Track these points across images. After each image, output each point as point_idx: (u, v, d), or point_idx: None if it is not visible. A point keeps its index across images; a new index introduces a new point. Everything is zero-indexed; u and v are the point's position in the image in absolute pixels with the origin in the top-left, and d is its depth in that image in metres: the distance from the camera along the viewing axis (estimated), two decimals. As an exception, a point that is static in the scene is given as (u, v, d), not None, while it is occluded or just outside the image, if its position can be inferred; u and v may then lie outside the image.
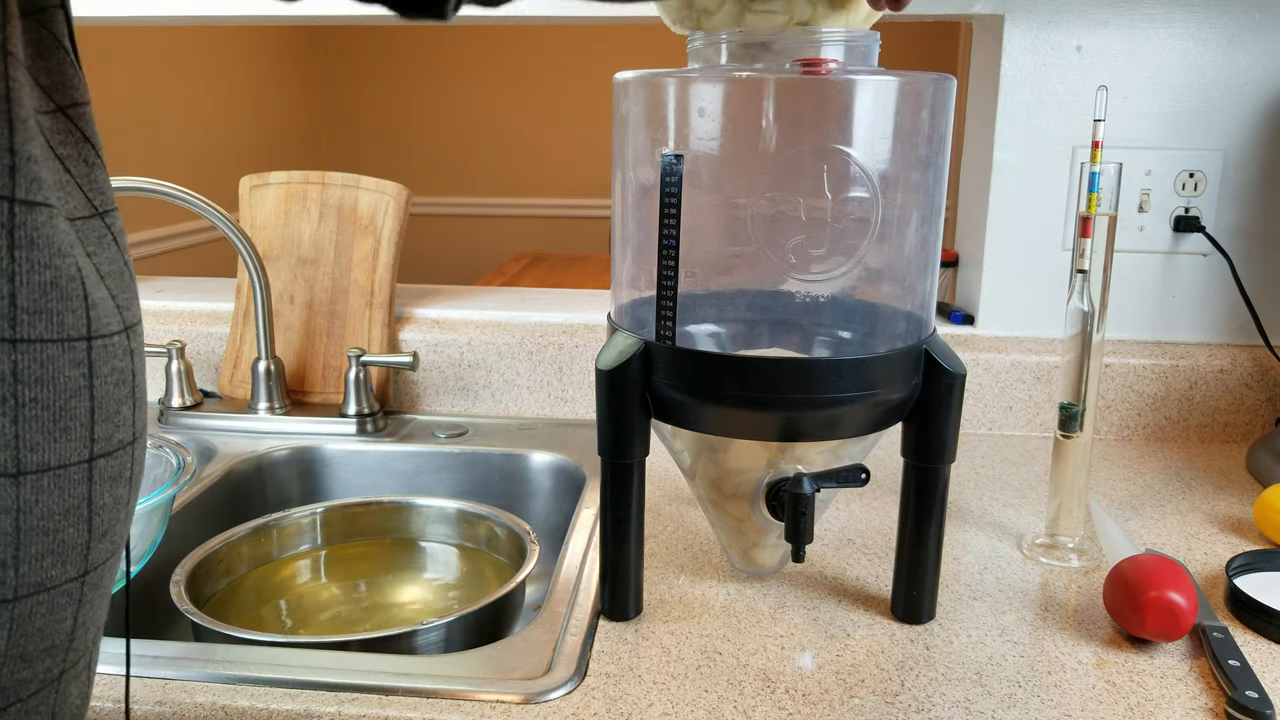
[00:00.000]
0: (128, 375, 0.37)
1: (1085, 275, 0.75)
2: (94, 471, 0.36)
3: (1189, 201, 1.05)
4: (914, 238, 0.65)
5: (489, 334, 1.14)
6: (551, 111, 3.62)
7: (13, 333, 0.33)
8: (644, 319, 0.67)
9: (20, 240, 0.33)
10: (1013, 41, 1.03)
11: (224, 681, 0.63)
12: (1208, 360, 1.06)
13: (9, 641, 0.34)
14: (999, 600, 0.73)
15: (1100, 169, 0.73)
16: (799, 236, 0.63)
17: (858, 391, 0.62)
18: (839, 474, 0.66)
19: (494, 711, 0.60)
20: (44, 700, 0.36)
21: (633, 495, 0.67)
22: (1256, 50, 1.01)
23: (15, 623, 0.34)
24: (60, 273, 0.34)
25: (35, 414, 0.33)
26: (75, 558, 0.36)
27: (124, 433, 0.37)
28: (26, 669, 0.35)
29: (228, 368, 1.17)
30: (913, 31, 3.35)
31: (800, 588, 0.75)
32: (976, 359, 1.08)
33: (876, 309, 0.68)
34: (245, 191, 1.18)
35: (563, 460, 1.03)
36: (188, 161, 2.72)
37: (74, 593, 0.36)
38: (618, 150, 0.68)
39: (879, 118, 0.61)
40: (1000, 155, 1.06)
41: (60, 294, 0.34)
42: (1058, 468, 0.79)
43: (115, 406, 0.37)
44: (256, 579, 0.89)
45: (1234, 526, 0.86)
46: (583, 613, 0.71)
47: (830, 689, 0.62)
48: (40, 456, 0.34)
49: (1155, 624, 0.64)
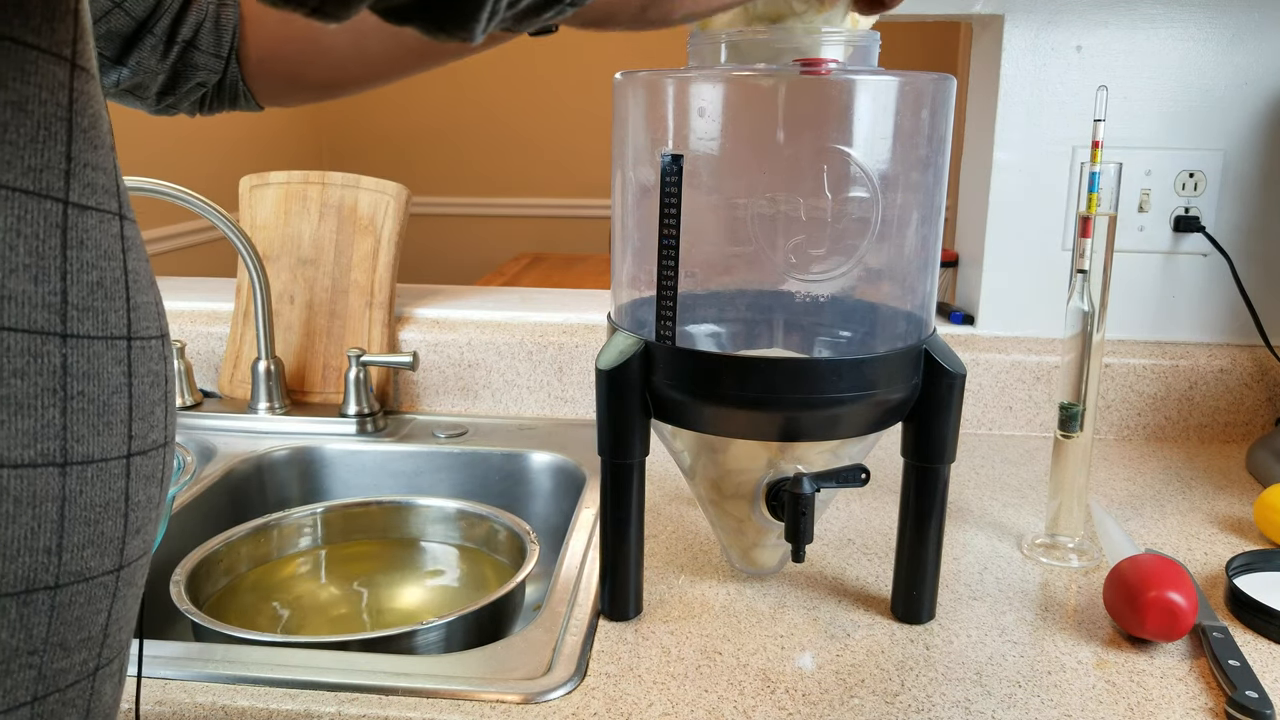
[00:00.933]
0: (161, 379, 0.39)
1: (1085, 275, 0.75)
2: (131, 468, 0.37)
3: (1189, 201, 1.05)
4: (914, 238, 0.65)
5: (489, 334, 1.14)
6: (551, 111, 3.62)
7: (64, 328, 0.34)
8: (644, 319, 0.67)
9: (72, 240, 0.35)
10: (1013, 41, 1.03)
11: (224, 681, 0.63)
12: (1208, 360, 1.06)
13: (49, 628, 0.35)
14: (999, 600, 0.73)
15: (1100, 169, 0.73)
16: (799, 236, 0.63)
17: (857, 391, 0.62)
18: (839, 474, 0.66)
19: (494, 711, 0.60)
20: (80, 694, 0.37)
21: (633, 495, 0.67)
22: (1256, 50, 1.01)
23: (56, 610, 0.35)
24: (106, 274, 0.36)
25: (82, 407, 0.35)
26: (112, 551, 0.37)
27: (157, 434, 0.39)
28: (65, 658, 0.36)
29: (228, 368, 1.17)
30: (912, 31, 3.35)
31: (800, 588, 0.75)
32: (976, 359, 1.08)
33: (877, 309, 0.68)
34: (245, 191, 1.18)
35: (563, 460, 1.03)
36: (188, 161, 2.72)
37: (109, 585, 0.37)
38: (617, 150, 0.68)
39: (879, 118, 0.61)
40: (1000, 155, 1.06)
41: (105, 294, 0.36)
42: (1058, 468, 0.79)
43: (150, 408, 0.38)
44: (256, 579, 0.89)
45: (1234, 526, 0.86)
46: (583, 613, 0.71)
47: (830, 689, 0.62)
48: (85, 448, 0.35)
49: (1155, 624, 0.64)
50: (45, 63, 0.34)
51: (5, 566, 0.33)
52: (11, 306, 0.33)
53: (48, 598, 0.35)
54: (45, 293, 0.34)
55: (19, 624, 0.34)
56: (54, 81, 0.34)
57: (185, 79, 0.64)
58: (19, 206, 0.33)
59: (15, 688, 0.34)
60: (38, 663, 0.35)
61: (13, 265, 0.33)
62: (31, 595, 0.34)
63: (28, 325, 0.33)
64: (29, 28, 0.33)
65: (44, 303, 0.34)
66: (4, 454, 0.33)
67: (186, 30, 0.63)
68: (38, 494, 0.34)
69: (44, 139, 0.34)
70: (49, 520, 0.34)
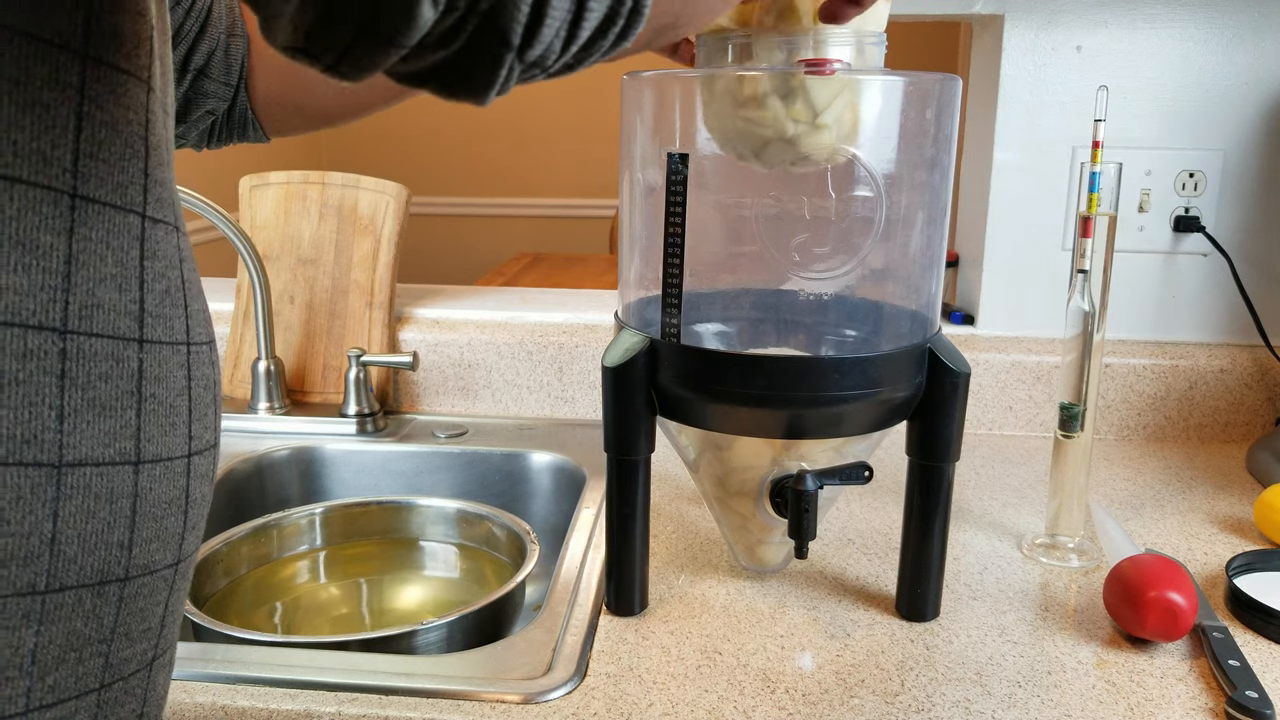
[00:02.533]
0: (212, 383, 0.41)
1: (1086, 275, 0.75)
2: (191, 467, 0.40)
3: (1189, 201, 1.05)
4: (919, 237, 0.65)
5: (489, 334, 1.14)
6: (551, 111, 3.61)
7: (140, 334, 0.37)
8: (650, 318, 0.67)
9: (149, 251, 0.37)
10: (1013, 41, 1.03)
11: (224, 681, 0.62)
12: (1208, 360, 1.06)
13: (117, 619, 0.37)
14: (999, 600, 0.73)
15: (1100, 169, 0.73)
16: (803, 235, 0.63)
17: (862, 390, 0.62)
18: (842, 471, 0.66)
19: (494, 711, 0.60)
20: (139, 682, 0.39)
21: (638, 492, 0.67)
22: (1256, 50, 1.01)
23: (124, 601, 0.37)
24: (171, 283, 0.39)
25: (153, 408, 0.37)
26: (173, 546, 0.39)
27: (210, 435, 0.41)
28: (129, 647, 0.38)
29: (228, 368, 1.16)
30: (912, 31, 3.35)
31: (800, 587, 0.75)
32: (976, 359, 1.08)
33: (881, 308, 0.68)
34: (245, 191, 1.18)
35: (563, 460, 1.03)
36: (188, 162, 2.72)
37: (169, 579, 0.39)
38: (625, 150, 0.68)
39: (884, 118, 0.61)
40: (1000, 155, 1.06)
41: (171, 301, 0.38)
42: (1058, 468, 0.79)
43: (204, 410, 0.41)
44: (256, 579, 0.89)
45: (1234, 526, 0.86)
46: (583, 612, 0.71)
47: (830, 689, 0.62)
48: (155, 448, 0.37)
49: (1155, 624, 0.64)
50: (132, 86, 0.36)
51: (84, 559, 0.35)
52: (100, 314, 0.35)
53: (118, 589, 0.37)
54: (127, 301, 0.36)
55: (92, 614, 0.36)
56: (136, 103, 0.37)
57: (196, 106, 0.66)
58: (109, 220, 0.35)
59: (86, 675, 0.36)
60: (105, 651, 0.37)
61: (102, 275, 0.35)
62: (104, 587, 0.36)
63: (113, 332, 0.36)
64: (122, 53, 0.36)
65: (126, 310, 0.36)
66: (88, 453, 0.35)
67: (199, 58, 0.64)
68: (115, 491, 0.36)
69: (129, 157, 0.36)
70: (123, 516, 0.36)
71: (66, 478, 0.34)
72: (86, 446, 0.35)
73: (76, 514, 0.35)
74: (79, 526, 0.35)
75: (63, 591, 0.35)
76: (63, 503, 0.34)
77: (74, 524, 0.34)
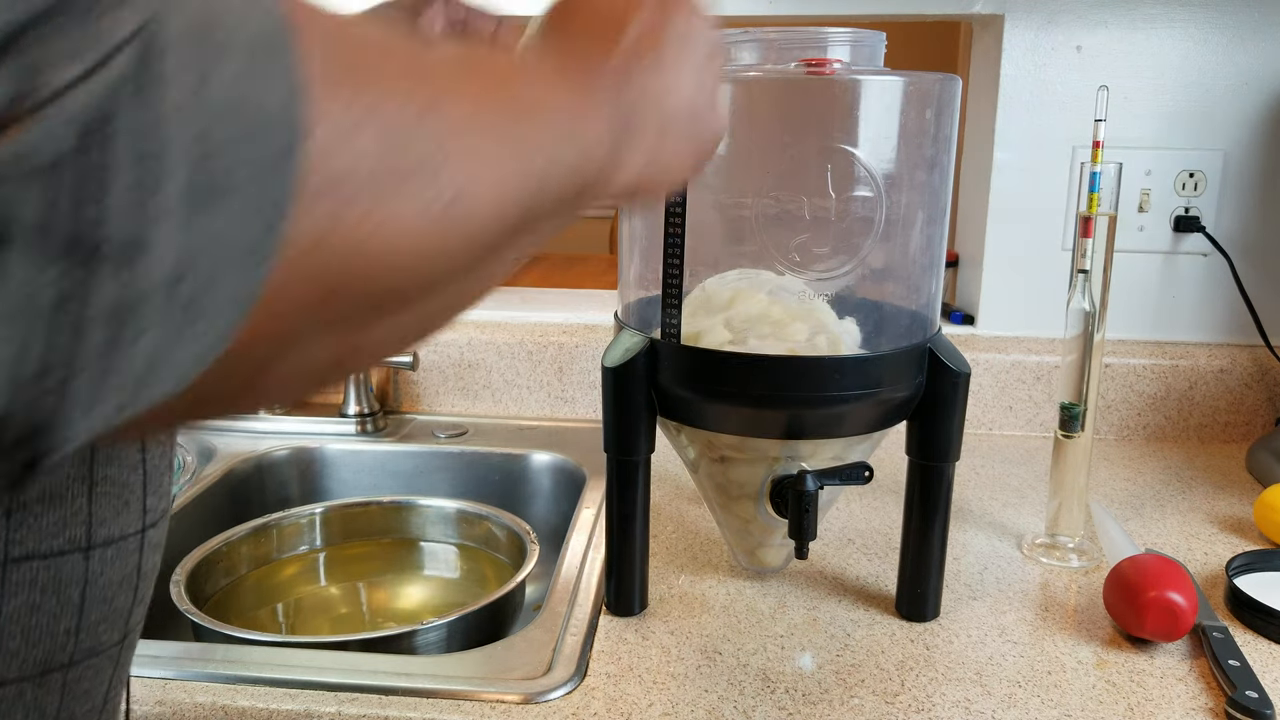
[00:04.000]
0: (168, 449, 0.39)
1: (1086, 275, 0.75)
2: (145, 541, 0.38)
3: (1189, 201, 1.05)
4: (919, 237, 0.65)
5: (489, 334, 1.14)
6: (550, 111, 3.61)
7: None
8: (650, 318, 0.67)
9: None
10: (1013, 41, 1.03)
11: (224, 681, 0.62)
12: (1208, 360, 1.06)
13: (60, 705, 0.35)
14: (999, 600, 0.73)
15: (1100, 169, 0.73)
16: (803, 235, 0.63)
17: (862, 390, 0.62)
18: (842, 471, 0.66)
19: (494, 711, 0.60)
20: None
21: (638, 492, 0.67)
22: (1256, 50, 1.01)
23: (67, 686, 0.35)
24: None
25: (105, 490, 0.35)
26: (120, 623, 0.37)
27: (165, 501, 0.39)
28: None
29: (227, 367, 1.16)
30: (912, 31, 3.35)
31: (800, 587, 0.75)
32: (976, 359, 1.08)
33: (881, 307, 0.68)
34: (245, 190, 1.18)
35: (563, 460, 1.03)
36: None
37: (114, 655, 0.37)
38: (623, 149, 0.68)
39: (884, 117, 0.61)
40: (1000, 155, 1.06)
41: None
42: (1058, 468, 0.79)
43: (159, 480, 0.39)
44: (256, 579, 0.89)
45: (1234, 526, 0.86)
46: (583, 613, 0.71)
47: (830, 689, 0.62)
48: (107, 530, 0.35)
49: (1155, 624, 0.64)
50: None
51: (27, 653, 0.33)
52: None
53: (61, 676, 0.35)
54: None
55: (33, 705, 0.34)
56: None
57: None
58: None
59: None
60: None
61: None
62: (47, 676, 0.34)
63: None
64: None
65: None
66: (34, 546, 0.33)
67: None
68: (64, 579, 0.34)
69: None
70: (71, 604, 0.34)
71: (11, 574, 0.32)
72: (33, 540, 0.32)
73: (21, 609, 0.33)
74: (22, 621, 0.33)
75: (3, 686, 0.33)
76: (6, 599, 0.32)
77: (18, 619, 0.33)
